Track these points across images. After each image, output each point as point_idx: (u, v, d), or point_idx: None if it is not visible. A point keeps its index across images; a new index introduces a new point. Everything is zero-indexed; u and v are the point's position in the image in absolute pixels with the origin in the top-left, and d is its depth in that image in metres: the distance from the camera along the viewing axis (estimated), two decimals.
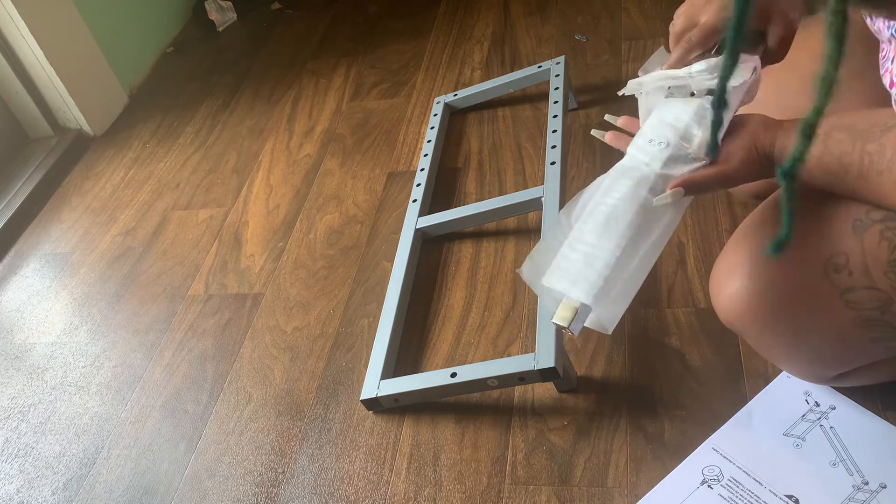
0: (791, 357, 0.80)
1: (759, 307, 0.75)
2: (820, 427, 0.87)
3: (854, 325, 0.70)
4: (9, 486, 1.07)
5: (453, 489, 0.92)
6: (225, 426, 1.07)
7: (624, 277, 0.70)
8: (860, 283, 0.68)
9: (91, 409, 1.15)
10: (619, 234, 0.70)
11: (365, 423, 1.02)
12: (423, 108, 1.56)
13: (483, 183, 1.34)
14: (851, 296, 0.69)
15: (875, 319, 0.69)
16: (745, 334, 0.80)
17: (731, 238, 0.79)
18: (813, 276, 0.70)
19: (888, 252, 0.66)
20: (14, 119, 1.74)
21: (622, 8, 1.67)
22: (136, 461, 1.06)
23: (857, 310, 0.69)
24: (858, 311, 0.69)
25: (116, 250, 1.43)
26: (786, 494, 0.82)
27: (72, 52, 1.71)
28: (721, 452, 0.87)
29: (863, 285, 0.68)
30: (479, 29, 1.76)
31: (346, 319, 1.17)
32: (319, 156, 1.51)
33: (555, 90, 1.35)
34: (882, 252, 0.66)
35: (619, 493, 0.87)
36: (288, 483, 0.98)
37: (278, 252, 1.32)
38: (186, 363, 1.17)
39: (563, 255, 0.72)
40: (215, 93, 1.81)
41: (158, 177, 1.59)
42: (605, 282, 0.69)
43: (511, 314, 1.10)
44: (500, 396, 1.00)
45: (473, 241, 1.23)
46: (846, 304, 0.69)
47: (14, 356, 1.27)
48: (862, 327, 0.70)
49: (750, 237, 0.77)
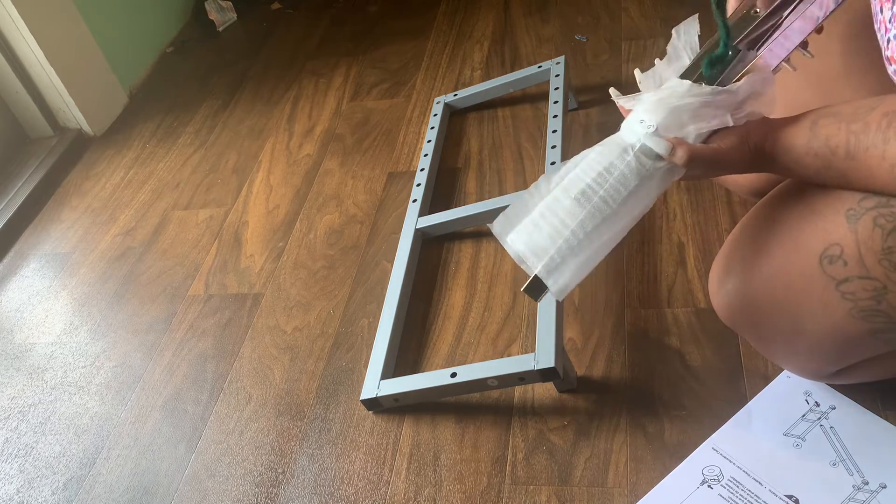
0: (790, 353, 0.81)
1: (757, 303, 0.75)
2: (820, 427, 0.87)
3: (851, 317, 0.70)
4: (9, 486, 1.07)
5: (453, 489, 0.92)
6: (225, 426, 1.07)
7: (583, 257, 0.72)
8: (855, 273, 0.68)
9: (91, 409, 1.15)
10: (589, 215, 0.71)
11: (365, 423, 1.02)
12: (423, 108, 1.56)
13: (483, 183, 1.34)
14: (846, 286, 0.69)
15: (871, 309, 0.69)
16: (744, 331, 0.81)
17: (730, 236, 0.80)
18: (808, 269, 0.70)
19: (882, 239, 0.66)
20: (14, 119, 1.74)
21: (622, 8, 1.67)
22: (136, 461, 1.06)
23: (853, 300, 0.69)
24: (854, 302, 0.69)
25: (116, 250, 1.43)
26: (786, 494, 0.82)
27: (72, 52, 1.71)
28: (721, 452, 0.87)
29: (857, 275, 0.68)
30: (479, 29, 1.76)
31: (346, 319, 1.17)
32: (319, 156, 1.51)
33: (555, 90, 1.35)
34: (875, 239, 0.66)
35: (619, 493, 0.87)
36: (288, 483, 0.98)
37: (278, 252, 1.32)
38: (186, 363, 1.17)
39: (533, 221, 0.73)
40: (215, 93, 1.81)
41: (158, 177, 1.59)
42: (562, 259, 0.71)
43: (511, 314, 1.10)
44: (500, 396, 1.00)
45: (473, 241, 1.23)
46: (842, 296, 0.70)
47: (14, 356, 1.27)
48: (859, 319, 0.70)
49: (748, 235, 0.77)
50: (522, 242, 0.73)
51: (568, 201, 0.71)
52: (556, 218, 0.72)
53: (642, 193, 0.71)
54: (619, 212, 0.71)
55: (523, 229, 0.73)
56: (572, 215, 0.71)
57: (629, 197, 0.71)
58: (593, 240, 0.71)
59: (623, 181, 0.70)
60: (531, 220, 0.73)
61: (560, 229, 0.71)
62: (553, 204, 0.72)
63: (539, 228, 0.72)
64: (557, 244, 0.71)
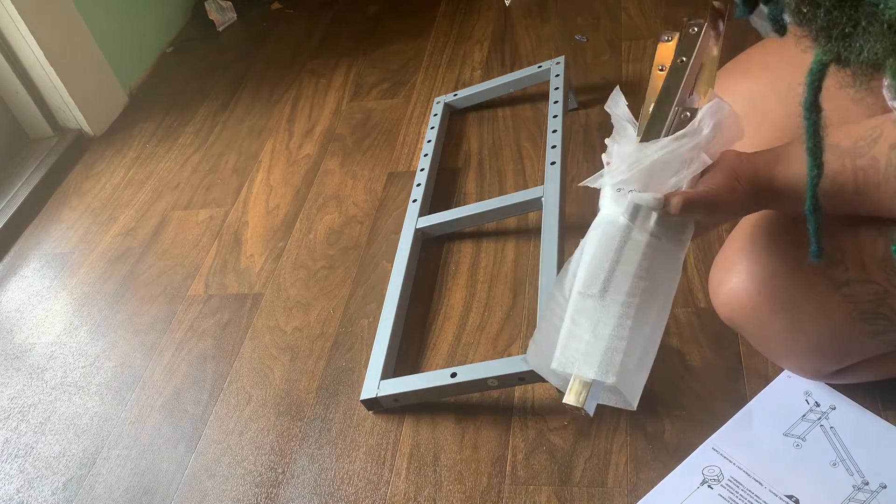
0: (790, 353, 0.81)
1: (757, 302, 0.75)
2: (820, 427, 0.87)
3: (851, 319, 0.71)
4: (9, 486, 1.07)
5: (453, 489, 0.92)
6: (225, 426, 1.07)
7: (637, 341, 0.64)
8: (856, 277, 0.68)
9: (91, 409, 1.15)
10: (619, 295, 0.64)
11: (365, 423, 1.02)
12: (423, 108, 1.56)
13: (483, 183, 1.34)
14: (848, 290, 0.69)
15: (871, 312, 0.69)
16: (744, 330, 0.81)
17: (730, 235, 0.80)
18: (810, 270, 0.70)
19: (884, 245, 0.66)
20: (14, 119, 1.74)
21: (622, 8, 1.67)
22: (136, 461, 1.06)
23: (854, 303, 0.69)
24: (855, 305, 0.69)
25: (116, 250, 1.43)
26: (786, 494, 0.82)
27: (72, 52, 1.71)
28: (721, 452, 0.87)
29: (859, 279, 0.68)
30: (479, 29, 1.76)
31: (346, 319, 1.17)
32: (319, 156, 1.51)
33: (555, 90, 1.35)
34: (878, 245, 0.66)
35: (619, 493, 0.87)
36: (288, 483, 0.98)
37: (278, 252, 1.32)
38: (186, 363, 1.17)
39: (567, 331, 0.66)
40: (215, 93, 1.81)
41: (158, 177, 1.59)
42: (615, 353, 0.63)
43: (511, 314, 1.10)
44: (500, 396, 1.00)
45: (473, 241, 1.23)
46: (843, 298, 0.70)
47: (14, 356, 1.27)
48: (859, 321, 0.70)
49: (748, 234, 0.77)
50: (568, 360, 0.65)
51: (592, 301, 0.65)
52: (590, 321, 0.65)
53: (661, 260, 0.66)
54: (651, 290, 0.65)
55: (563, 346, 0.66)
56: (606, 311, 0.64)
57: (651, 270, 0.65)
58: (641, 326, 0.65)
59: (636, 255, 0.65)
60: (566, 333, 0.66)
61: (601, 330, 0.64)
62: (580, 309, 0.66)
63: (578, 338, 0.65)
64: (604, 345, 0.64)
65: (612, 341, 0.64)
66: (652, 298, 0.65)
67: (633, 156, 0.66)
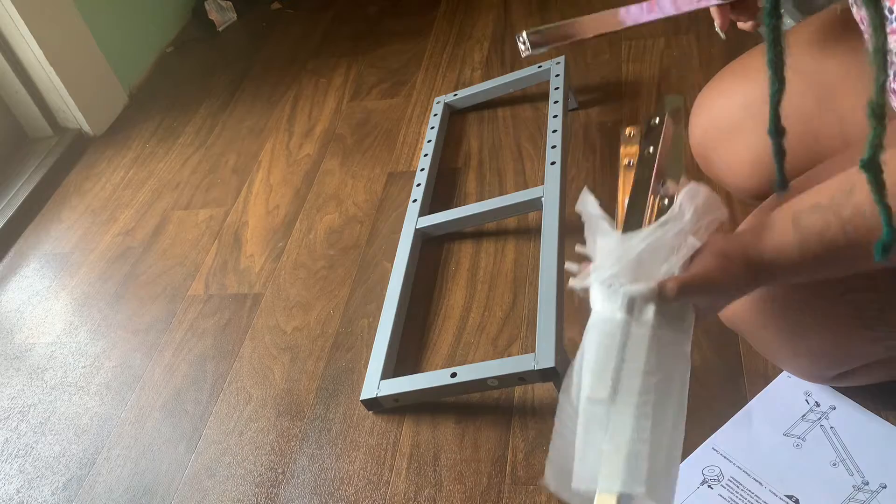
0: (791, 356, 0.80)
1: (760, 306, 0.75)
2: (820, 427, 0.87)
3: (854, 325, 0.70)
4: (9, 486, 1.07)
5: (453, 489, 0.92)
6: (225, 426, 1.07)
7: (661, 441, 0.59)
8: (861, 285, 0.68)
9: (91, 409, 1.15)
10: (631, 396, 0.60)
11: (365, 423, 1.02)
12: (423, 108, 1.56)
13: (483, 183, 1.34)
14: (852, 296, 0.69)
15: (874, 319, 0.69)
16: (745, 333, 0.80)
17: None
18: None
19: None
20: (14, 119, 1.74)
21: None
22: (136, 461, 1.06)
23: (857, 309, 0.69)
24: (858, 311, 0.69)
25: (116, 250, 1.43)
26: (786, 494, 0.82)
27: (72, 52, 1.71)
28: (721, 452, 0.87)
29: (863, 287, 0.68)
30: (479, 29, 1.76)
31: (346, 319, 1.17)
32: (319, 156, 1.51)
33: (555, 90, 1.35)
34: None
35: None
36: (288, 483, 0.98)
37: (278, 252, 1.32)
38: (186, 363, 1.17)
39: (582, 443, 0.61)
40: (215, 93, 1.81)
41: (158, 177, 1.59)
42: (639, 458, 0.58)
43: (511, 314, 1.10)
44: (500, 396, 1.00)
45: (473, 241, 1.23)
46: (846, 304, 0.70)
47: (14, 356, 1.27)
48: (862, 327, 0.70)
49: None
50: (590, 478, 0.59)
51: (603, 406, 0.61)
52: (605, 428, 0.60)
53: (668, 351, 0.62)
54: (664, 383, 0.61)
55: (582, 462, 0.60)
56: (620, 415, 0.60)
57: (660, 363, 0.61)
58: (661, 423, 0.60)
59: (641, 350, 0.61)
60: (582, 448, 0.61)
61: (619, 437, 0.59)
62: (592, 417, 0.61)
63: (595, 449, 0.60)
64: (625, 452, 0.59)
65: (632, 446, 0.59)
66: (667, 392, 0.61)
67: (617, 249, 0.63)
